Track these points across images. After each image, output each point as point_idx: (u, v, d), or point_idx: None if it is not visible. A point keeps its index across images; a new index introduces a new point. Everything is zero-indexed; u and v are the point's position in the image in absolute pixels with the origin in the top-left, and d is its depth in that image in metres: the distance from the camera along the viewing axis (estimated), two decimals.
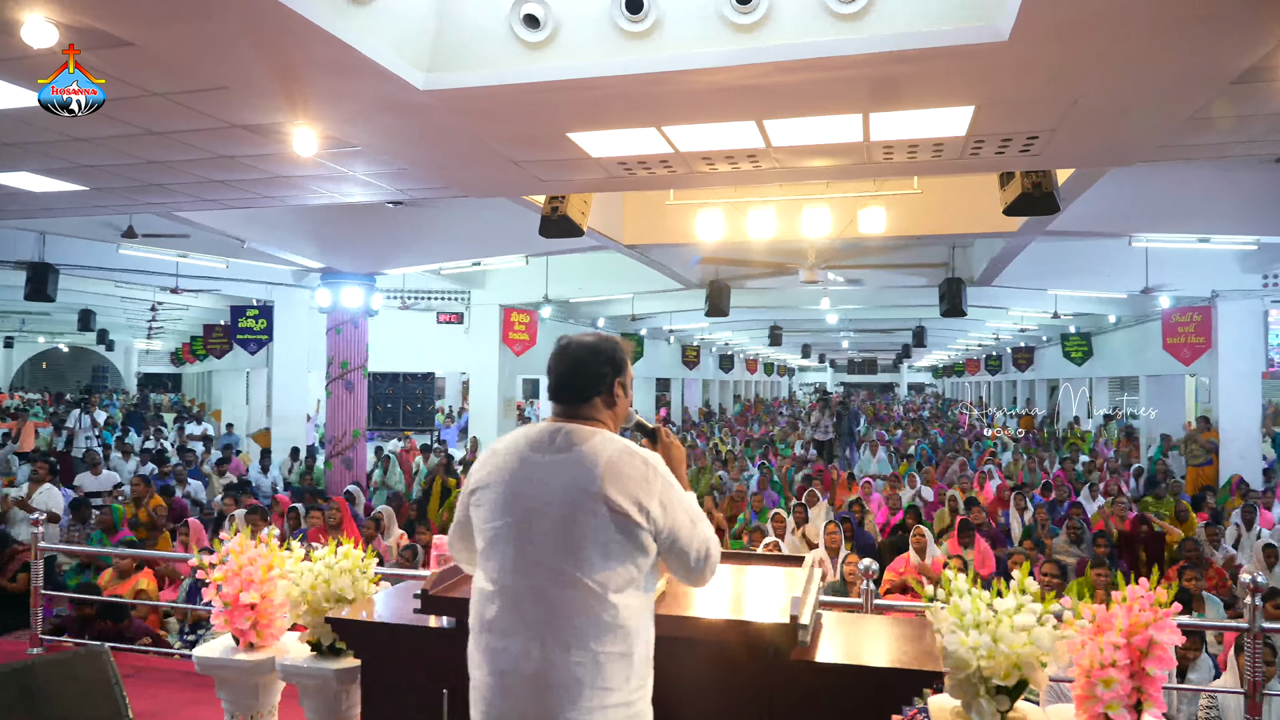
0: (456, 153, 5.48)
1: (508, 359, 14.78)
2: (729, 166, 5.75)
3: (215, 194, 6.68)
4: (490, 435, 14.45)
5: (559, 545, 1.87)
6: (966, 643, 2.33)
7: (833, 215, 7.66)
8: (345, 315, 10.67)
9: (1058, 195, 6.04)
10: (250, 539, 3.15)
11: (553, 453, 1.95)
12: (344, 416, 10.62)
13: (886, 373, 55.64)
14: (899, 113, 4.64)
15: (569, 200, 6.80)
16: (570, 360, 2.03)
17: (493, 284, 14.57)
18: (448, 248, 10.39)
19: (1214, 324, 11.99)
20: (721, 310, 12.92)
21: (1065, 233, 8.77)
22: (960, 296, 12.22)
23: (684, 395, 28.72)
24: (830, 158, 5.56)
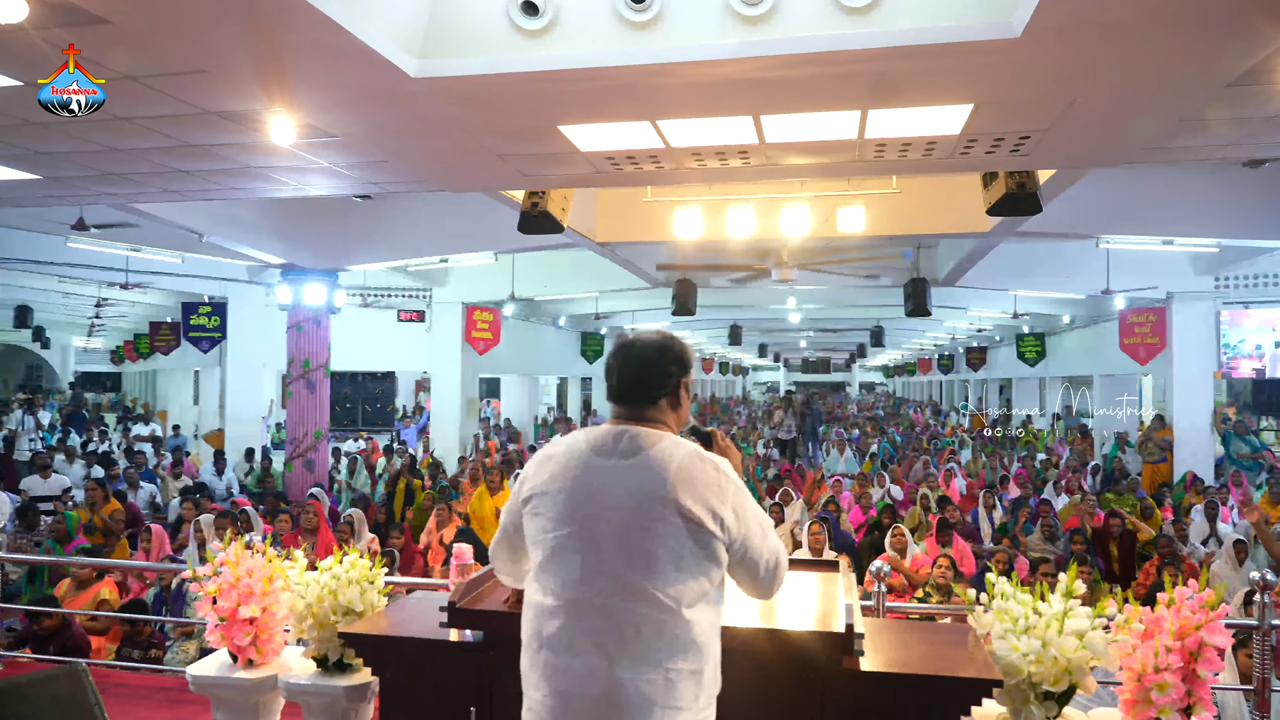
0: (440, 145, 5.31)
1: (470, 358, 14.54)
2: (718, 163, 5.67)
3: (179, 185, 6.38)
4: (452, 435, 14.22)
5: (628, 556, 1.75)
6: (1019, 648, 2.27)
7: (811, 214, 7.64)
8: (307, 313, 10.35)
9: (1040, 196, 6.08)
10: (233, 547, 2.96)
11: (618, 457, 1.82)
12: (305, 417, 10.31)
13: (839, 372, 56.33)
14: (897, 110, 4.61)
15: (549, 196, 6.66)
16: (636, 359, 1.90)
17: (455, 282, 14.31)
18: (414, 243, 10.15)
19: (1168, 325, 12.29)
20: (688, 309, 12.86)
21: (1035, 234, 8.88)
22: (925, 296, 12.35)
23: None
24: (821, 155, 5.51)
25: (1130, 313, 12.65)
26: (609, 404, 1.94)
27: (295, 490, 10.15)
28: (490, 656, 2.34)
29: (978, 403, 28.13)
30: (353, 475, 10.20)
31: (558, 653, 1.74)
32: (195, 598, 5.47)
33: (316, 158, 5.67)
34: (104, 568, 5.45)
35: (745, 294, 15.94)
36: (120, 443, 16.36)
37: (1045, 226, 8.61)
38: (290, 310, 10.39)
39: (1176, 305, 12.27)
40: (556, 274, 13.95)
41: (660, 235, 9.01)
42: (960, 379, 33.27)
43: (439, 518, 7.94)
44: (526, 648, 1.82)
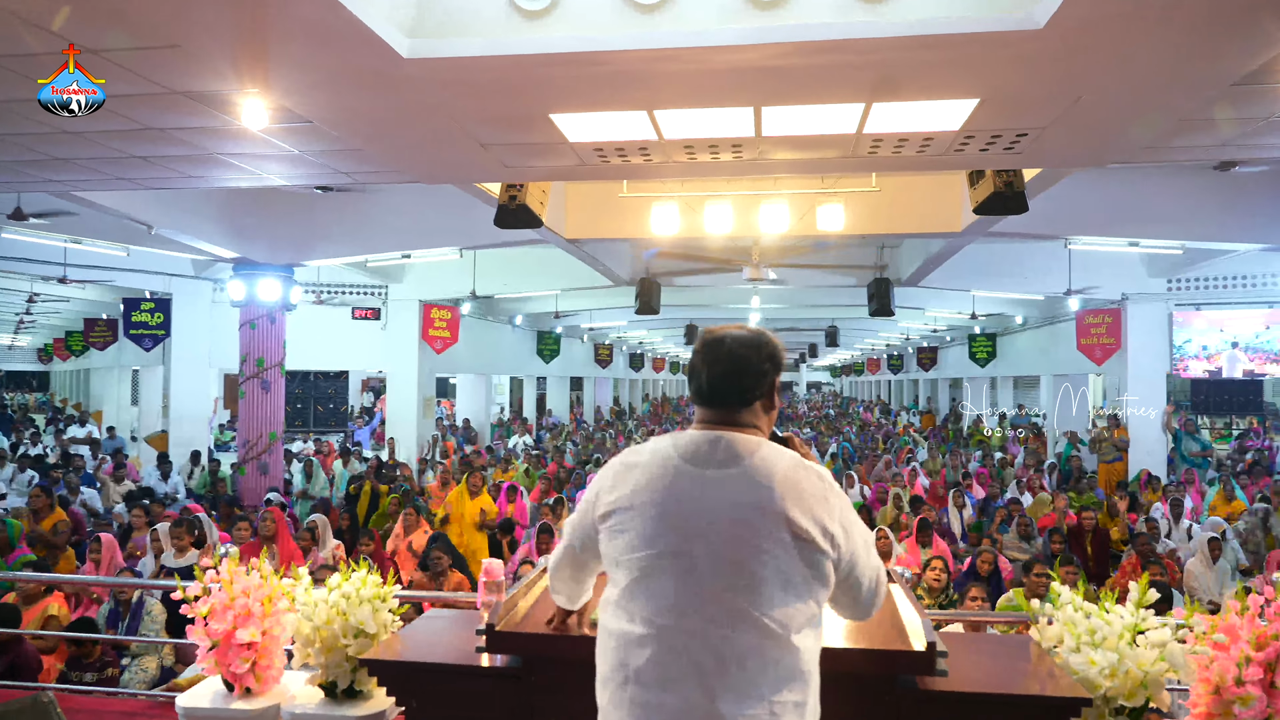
0: (422, 133, 5.05)
1: (427, 357, 14.17)
2: (709, 156, 5.51)
3: (135, 172, 5.99)
4: (409, 436, 13.84)
5: (731, 578, 1.57)
6: (1096, 662, 2.15)
7: (790, 212, 7.54)
8: (261, 309, 9.92)
9: (1025, 195, 6.07)
10: (225, 563, 2.70)
11: (715, 467, 1.64)
12: (259, 418, 9.87)
13: (787, 372, 56.85)
14: (902, 104, 4.50)
15: (528, 189, 6.43)
16: (729, 356, 1.71)
17: (412, 278, 13.93)
18: (375, 238, 9.79)
19: (1123, 326, 12.54)
20: (652, 308, 12.71)
21: (1006, 234, 8.93)
22: (889, 296, 12.40)
23: (596, 393, 28.43)
24: (814, 150, 5.39)
25: (1086, 314, 12.88)
26: (695, 406, 1.75)
27: (249, 495, 9.71)
28: (531, 682, 2.13)
29: (927, 402, 28.55)
30: (309, 479, 9.80)
31: (648, 687, 1.55)
32: (150, 613, 5.13)
33: (286, 144, 5.36)
34: (55, 583, 5.05)
35: (705, 293, 15.83)
36: (54, 445, 15.57)
37: (1017, 227, 8.66)
38: (243, 307, 9.95)
39: (1131, 307, 12.52)
40: (516, 271, 13.66)
41: (633, 232, 8.84)
42: (909, 378, 33.77)
43: (406, 522, 7.65)
44: (607, 681, 1.62)
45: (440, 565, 5.75)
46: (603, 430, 22.58)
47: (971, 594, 5.16)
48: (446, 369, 16.05)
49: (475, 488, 7.73)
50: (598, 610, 1.75)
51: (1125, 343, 12.54)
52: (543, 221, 6.57)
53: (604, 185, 8.73)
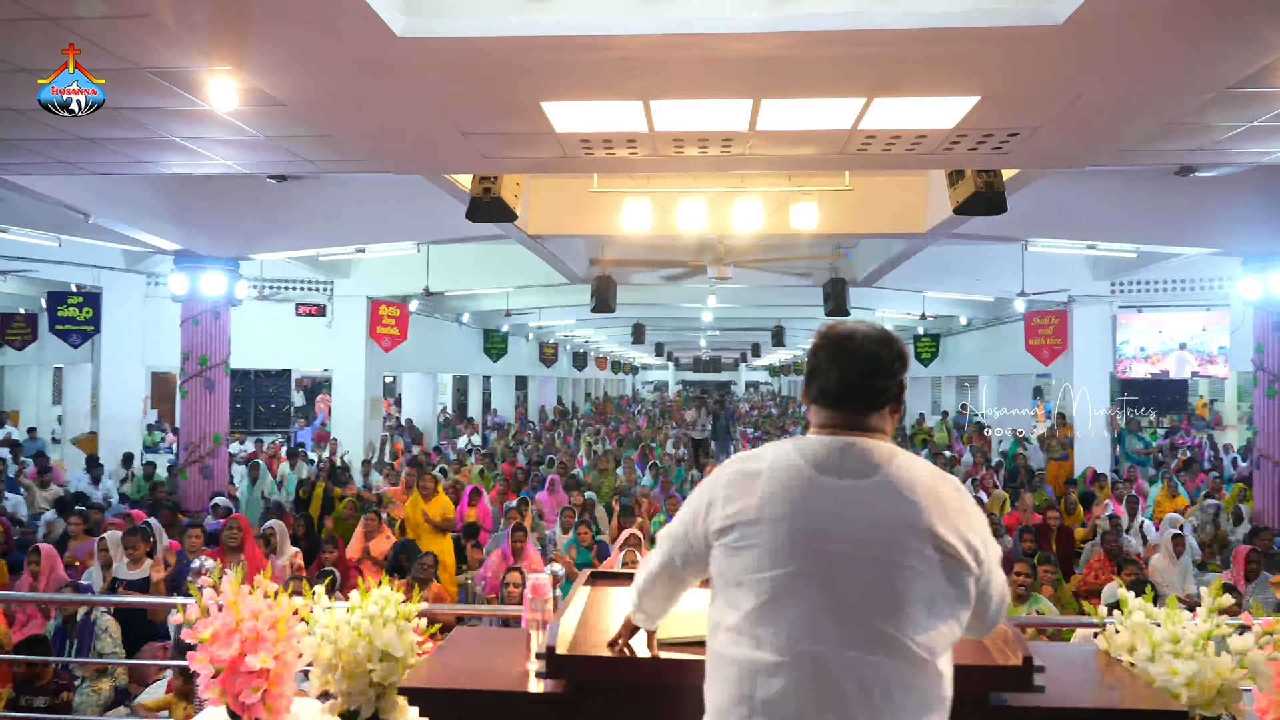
0: (402, 118, 4.80)
1: (375, 355, 13.74)
2: (696, 151, 5.38)
3: (80, 156, 5.59)
4: (356, 437, 13.40)
5: (876, 600, 1.43)
6: (1179, 672, 2.08)
7: (764, 209, 7.47)
8: (204, 304, 9.44)
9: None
10: (227, 581, 2.45)
11: (850, 476, 1.50)
12: (203, 419, 9.39)
13: (727, 371, 57.23)
14: (901, 100, 4.44)
15: (502, 181, 6.20)
16: (863, 355, 1.56)
17: (359, 274, 13.49)
18: (328, 231, 9.40)
19: (1069, 327, 12.85)
20: (608, 306, 12.52)
21: (969, 236, 9.02)
22: (845, 297, 12.48)
23: (540, 393, 28.09)
24: (805, 146, 5.31)
25: (1034, 315, 13.16)
26: (816, 409, 1.59)
27: (191, 500, 9.22)
28: (591, 710, 1.96)
29: None
30: (255, 483, 9.33)
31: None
32: (105, 629, 4.77)
33: (253, 128, 5.04)
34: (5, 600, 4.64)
35: (656, 292, 15.70)
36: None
37: (979, 230, 8.76)
38: (185, 301, 9.44)
39: (1076, 309, 12.84)
40: (467, 268, 13.32)
41: (601, 228, 8.66)
42: None
43: (367, 527, 7.33)
44: (724, 715, 1.46)
45: (426, 573, 5.49)
46: (549, 430, 22.32)
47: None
48: (392, 367, 15.59)
49: (428, 490, 7.43)
50: (705, 635, 1.59)
51: (1071, 344, 12.85)
52: (516, 215, 6.36)
53: (570, 181, 8.53)
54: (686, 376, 58.58)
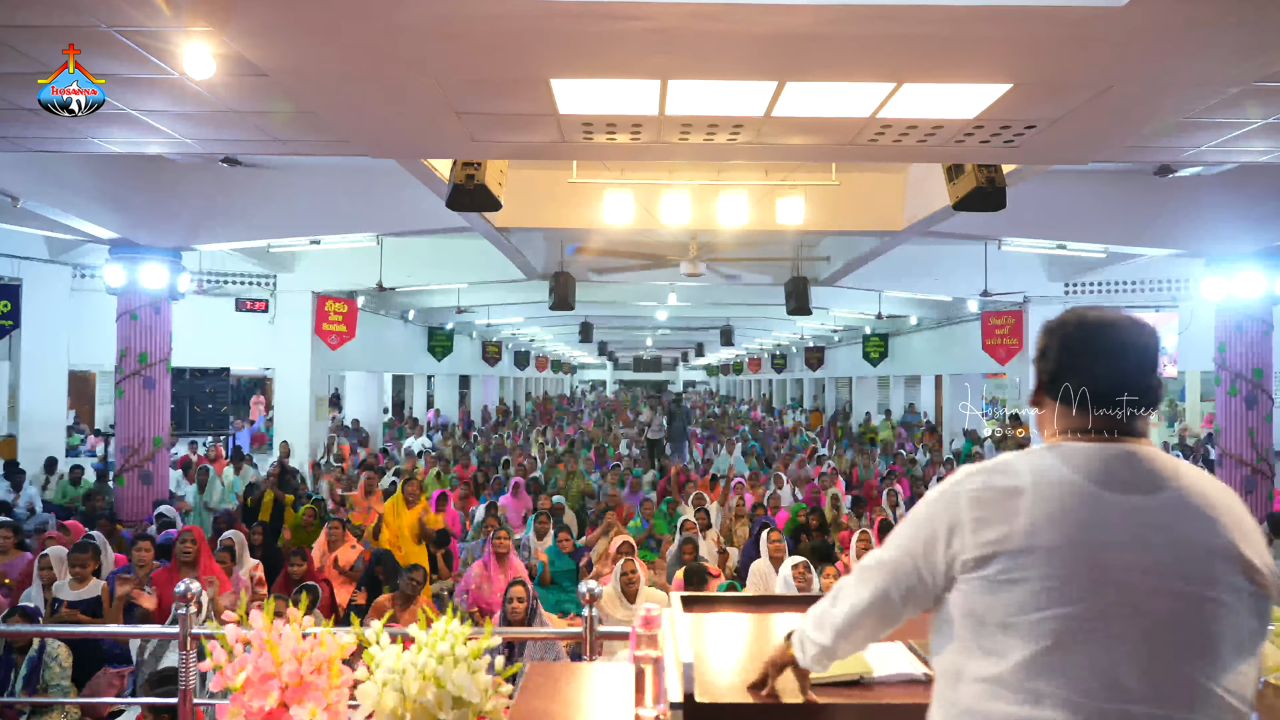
0: (393, 94, 4.41)
1: (321, 353, 13.11)
2: (701, 138, 5.12)
3: (20, 130, 5.03)
4: (301, 438, 12.76)
5: (1182, 641, 1.19)
6: None
7: (749, 204, 7.25)
8: (144, 298, 8.78)
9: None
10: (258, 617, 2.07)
11: (1138, 492, 1.25)
12: (142, 420, 8.73)
13: (666, 370, 57.20)
14: (932, 86, 4.25)
15: (486, 168, 5.83)
16: (1134, 347, 1.33)
17: (304, 268, 12.85)
18: (279, 221, 8.84)
19: (1025, 327, 13.02)
20: (568, 304, 12.21)
21: (944, 235, 8.98)
22: (806, 295, 12.40)
23: (483, 392, 27.49)
24: (817, 135, 5.09)
25: (990, 315, 13.29)
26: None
27: (129, 509, 8.56)
28: None
29: (814, 400, 29.20)
30: (204, 490, 8.68)
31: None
32: (55, 658, 4.26)
33: (226, 101, 4.59)
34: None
35: (610, 290, 15.39)
36: None
37: (953, 228, 8.72)
38: (122, 295, 8.77)
39: (1032, 309, 13.01)
40: (416, 263, 12.79)
41: (573, 222, 8.33)
42: (794, 378, 34.49)
43: (330, 536, 6.87)
44: None
45: (415, 588, 5.09)
46: (494, 430, 21.81)
47: None
48: (336, 366, 14.92)
49: (412, 496, 7.01)
50: (862, 673, 1.32)
51: (1027, 344, 13.01)
52: (501, 204, 5.99)
53: (544, 172, 8.19)
54: (625, 376, 58.36)
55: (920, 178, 8.44)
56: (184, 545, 5.13)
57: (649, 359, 51.55)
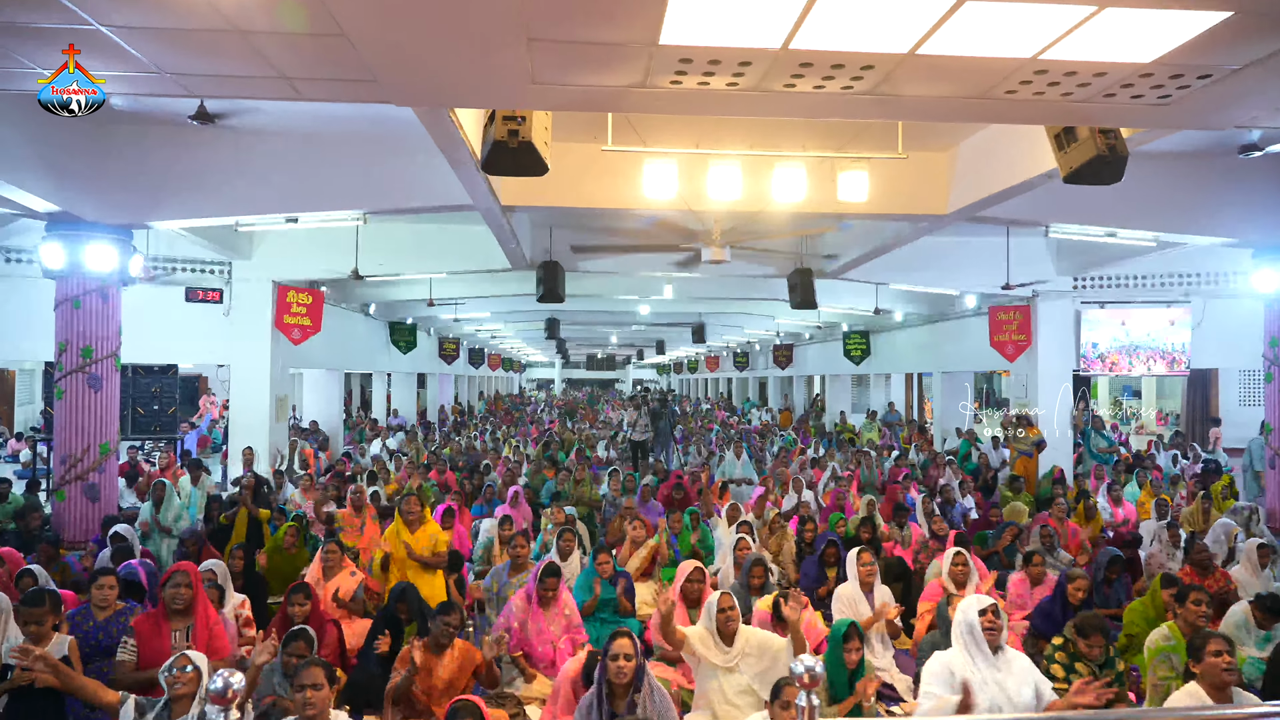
0: (452, 7, 3.44)
1: (282, 348, 11.87)
2: (812, 86, 4.26)
3: None
4: (260, 442, 11.49)
5: None
6: None
7: (808, 179, 6.41)
8: (89, 282, 7.54)
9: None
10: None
11: None
12: (86, 425, 7.49)
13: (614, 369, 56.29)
14: (1138, 11, 3.45)
15: (532, 122, 4.87)
16: None
17: (262, 254, 11.59)
18: (249, 196, 7.67)
19: (1033, 322, 12.48)
20: (557, 295, 11.25)
21: (991, 220, 8.30)
22: (811, 288, 11.66)
23: (440, 391, 26.16)
24: (953, 83, 4.27)
25: (998, 310, 12.73)
26: None
27: (73, 529, 7.32)
28: None
29: (784, 399, 28.59)
30: (161, 506, 7.38)
31: None
32: None
33: (229, 19, 3.54)
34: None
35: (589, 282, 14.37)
36: None
37: (1001, 213, 8.05)
38: (61, 278, 7.51)
39: (1041, 304, 12.49)
40: (384, 250, 11.61)
41: (597, 199, 7.40)
42: (756, 376, 33.90)
43: (326, 563, 5.81)
44: None
45: (450, 636, 4.10)
46: (455, 432, 20.64)
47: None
48: (295, 362, 13.59)
49: (414, 516, 5.92)
50: None
51: (1035, 339, 12.48)
52: (547, 166, 5.03)
53: (561, 144, 7.22)
54: (575, 374, 57.22)
55: (970, 157, 7.74)
56: (176, 589, 4.02)
57: (603, 357, 50.60)
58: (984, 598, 3.47)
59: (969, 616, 3.37)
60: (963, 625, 3.38)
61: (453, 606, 4.32)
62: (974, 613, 3.38)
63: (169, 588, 3.99)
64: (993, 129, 7.29)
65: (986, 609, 3.38)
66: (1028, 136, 6.92)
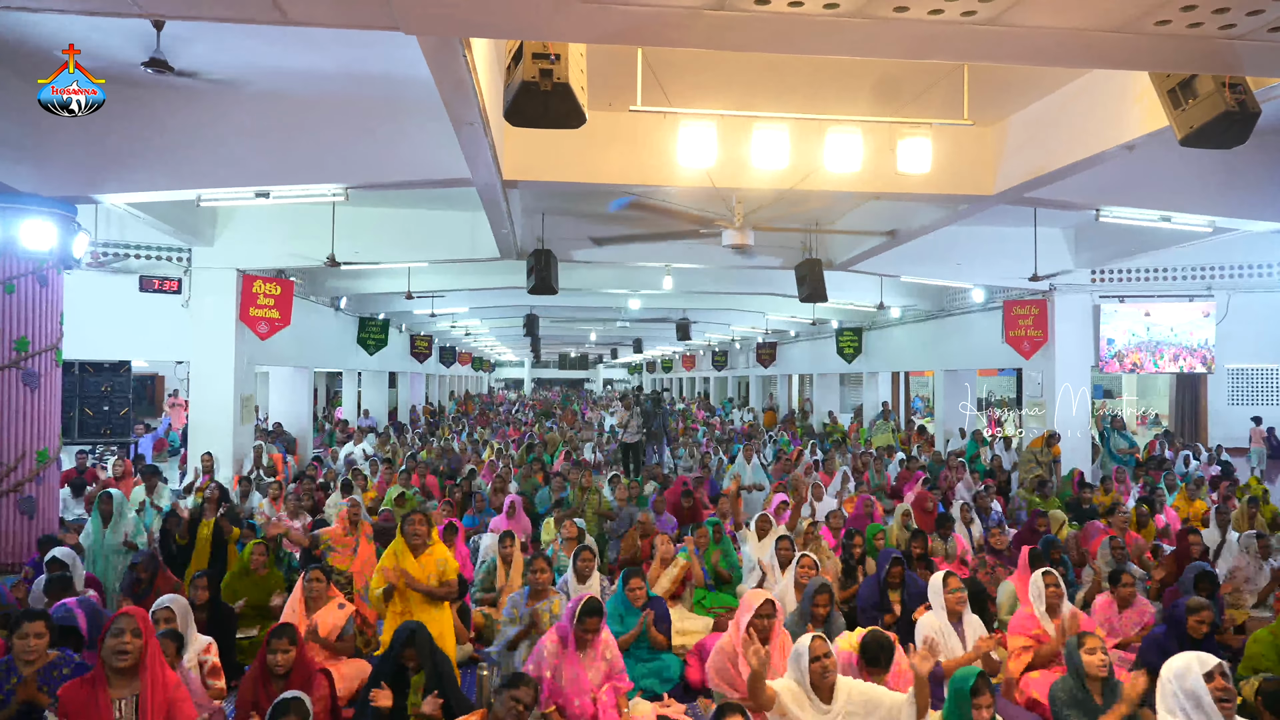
0: None
1: (247, 344, 10.86)
2: (926, 12, 3.46)
3: None
4: (223, 446, 10.47)
5: None
6: None
7: (864, 145, 5.62)
8: (24, 263, 6.53)
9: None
10: None
11: None
12: (21, 428, 6.48)
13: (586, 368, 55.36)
14: None
15: (567, 60, 4.01)
16: None
17: (225, 241, 10.57)
18: (216, 165, 6.71)
19: (1050, 318, 11.86)
20: (550, 286, 10.42)
21: (1041, 202, 7.62)
22: (821, 280, 10.93)
23: (411, 391, 25.05)
24: (1092, 11, 3.50)
25: (1014, 304, 12.10)
26: None
27: (5, 548, 6.30)
28: None
29: (769, 398, 27.89)
30: (110, 523, 6.32)
31: None
32: None
33: None
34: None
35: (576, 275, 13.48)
36: None
37: (1052, 194, 7.38)
38: None
39: (1058, 298, 11.87)
40: (358, 237, 10.64)
41: (616, 173, 6.56)
42: (736, 375, 33.21)
43: (310, 593, 4.90)
44: None
45: (518, 714, 3.22)
46: (430, 433, 19.63)
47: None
48: (261, 359, 12.53)
49: (419, 539, 4.96)
50: None
51: (1052, 336, 11.86)
52: (585, 116, 4.18)
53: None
54: (544, 374, 56.14)
55: (1023, 131, 7.02)
56: (118, 640, 3.10)
57: (576, 356, 49.66)
58: (1206, 656, 2.66)
59: (1190, 684, 2.56)
60: (1182, 695, 2.57)
61: (523, 681, 3.45)
62: (1198, 679, 2.57)
63: (110, 638, 3.07)
64: (1052, 99, 6.59)
65: (1213, 671, 2.58)
66: (1092, 107, 6.23)
